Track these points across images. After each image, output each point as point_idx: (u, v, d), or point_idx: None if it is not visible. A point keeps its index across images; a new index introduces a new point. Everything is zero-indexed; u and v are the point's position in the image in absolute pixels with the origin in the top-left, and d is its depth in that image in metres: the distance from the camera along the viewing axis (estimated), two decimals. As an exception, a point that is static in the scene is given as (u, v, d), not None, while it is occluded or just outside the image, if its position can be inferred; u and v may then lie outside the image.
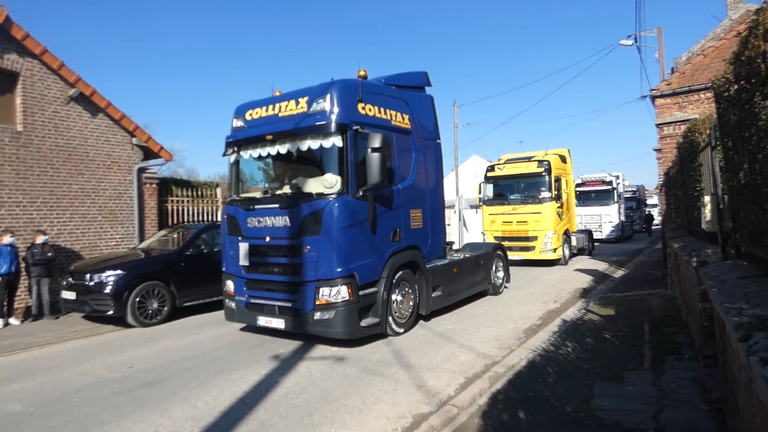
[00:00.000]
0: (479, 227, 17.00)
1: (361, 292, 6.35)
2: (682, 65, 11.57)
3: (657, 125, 11.17)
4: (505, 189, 16.07)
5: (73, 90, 10.60)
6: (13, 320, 8.95)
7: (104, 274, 8.40)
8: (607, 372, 5.03)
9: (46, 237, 9.37)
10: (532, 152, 17.11)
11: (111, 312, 8.31)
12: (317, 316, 6.24)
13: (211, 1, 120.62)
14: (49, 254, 9.19)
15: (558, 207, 15.04)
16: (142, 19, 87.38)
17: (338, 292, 6.17)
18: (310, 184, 6.78)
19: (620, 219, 24.82)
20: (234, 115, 7.51)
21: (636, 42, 17.65)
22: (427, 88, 8.57)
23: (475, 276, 9.35)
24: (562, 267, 14.79)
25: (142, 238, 11.72)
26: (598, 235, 22.68)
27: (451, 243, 9.64)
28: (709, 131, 5.21)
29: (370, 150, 6.21)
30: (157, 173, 12.77)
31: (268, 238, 6.66)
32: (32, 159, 10.02)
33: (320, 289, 6.22)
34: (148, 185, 12.29)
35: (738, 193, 3.70)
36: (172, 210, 13.02)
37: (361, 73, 7.06)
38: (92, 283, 8.37)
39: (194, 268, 9.30)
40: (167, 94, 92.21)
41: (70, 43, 67.24)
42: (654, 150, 13.74)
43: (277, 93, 7.31)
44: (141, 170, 12.05)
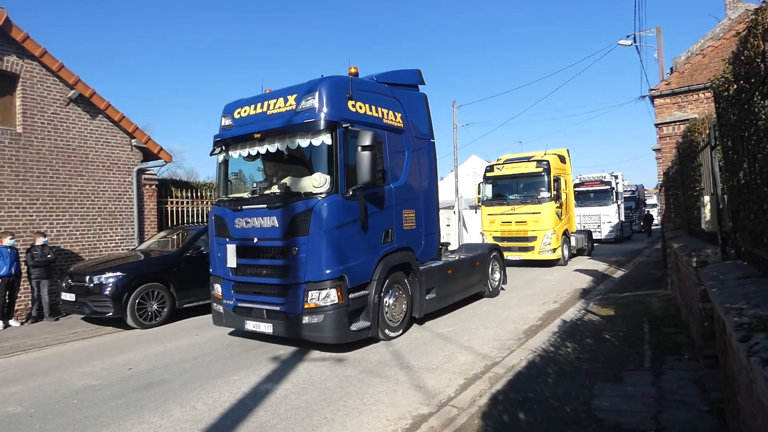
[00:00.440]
0: (479, 227, 17.00)
1: (351, 295, 6.19)
2: (681, 65, 11.57)
3: (656, 125, 11.17)
4: (504, 189, 16.06)
5: (73, 91, 10.60)
6: (13, 322, 8.94)
7: (104, 276, 8.39)
8: (606, 372, 5.02)
9: (46, 239, 9.36)
10: (531, 152, 17.11)
11: (111, 313, 8.31)
12: (306, 320, 6.07)
13: (212, 1, 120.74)
14: (49, 256, 9.18)
15: (557, 207, 15.04)
16: (142, 19, 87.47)
17: (327, 295, 6.00)
18: (299, 184, 6.60)
19: (619, 219, 24.72)
20: (222, 113, 7.36)
21: (635, 42, 17.65)
22: (420, 86, 8.40)
23: (471, 278, 9.20)
24: (561, 267, 14.79)
25: (142, 240, 11.71)
26: (597, 236, 22.53)
27: (447, 244, 9.49)
28: (708, 131, 5.21)
29: (360, 148, 6.05)
30: (156, 174, 12.76)
31: (256, 240, 6.49)
32: (32, 161, 10.01)
33: (309, 292, 6.05)
34: (148, 186, 12.28)
35: (738, 193, 3.70)
36: (172, 211, 13.02)
37: (352, 70, 6.91)
38: (92, 285, 8.37)
39: (194, 269, 9.28)
40: (167, 95, 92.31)
41: (70, 45, 67.30)
42: (653, 150, 13.74)
43: (267, 91, 7.16)
44: (140, 171, 12.05)
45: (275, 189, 6.82)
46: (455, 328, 7.53)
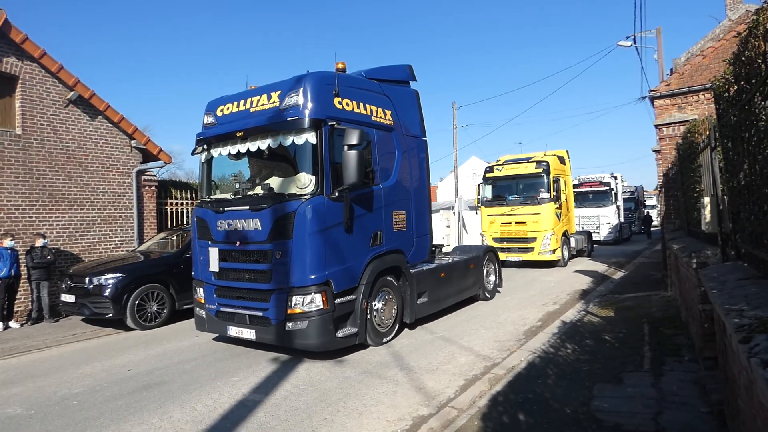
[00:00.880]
0: (478, 228, 17.00)
1: (337, 300, 5.96)
2: (681, 66, 11.59)
3: (656, 126, 11.17)
4: (504, 190, 16.06)
5: (72, 93, 10.60)
6: (13, 323, 8.93)
7: (103, 277, 8.39)
8: (606, 373, 5.02)
9: (46, 240, 9.36)
10: (531, 153, 17.13)
11: (110, 315, 8.30)
12: (289, 326, 5.82)
13: (212, 2, 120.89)
14: (49, 257, 9.18)
15: (557, 208, 15.03)
16: (141, 20, 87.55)
17: (312, 301, 5.77)
18: (283, 185, 6.39)
19: (618, 220, 24.59)
20: (205, 110, 7.13)
21: (635, 43, 17.69)
22: (412, 82, 8.10)
23: (465, 281, 8.96)
24: (561, 268, 14.79)
25: (141, 241, 11.71)
26: (596, 237, 22.24)
27: (440, 246, 9.30)
28: (708, 132, 5.21)
29: (347, 147, 5.81)
30: (156, 175, 12.76)
31: (239, 242, 6.23)
32: (31, 162, 10.01)
33: (292, 298, 5.81)
34: (147, 188, 12.28)
35: (738, 194, 3.70)
36: (171, 212, 13.01)
37: (339, 66, 6.71)
38: (91, 286, 8.36)
39: (193, 270, 9.27)
40: (166, 97, 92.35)
41: (69, 46, 67.34)
42: (653, 151, 13.76)
43: (253, 87, 6.90)
44: (140, 173, 12.05)
45: (258, 190, 6.58)
46: (455, 330, 7.52)
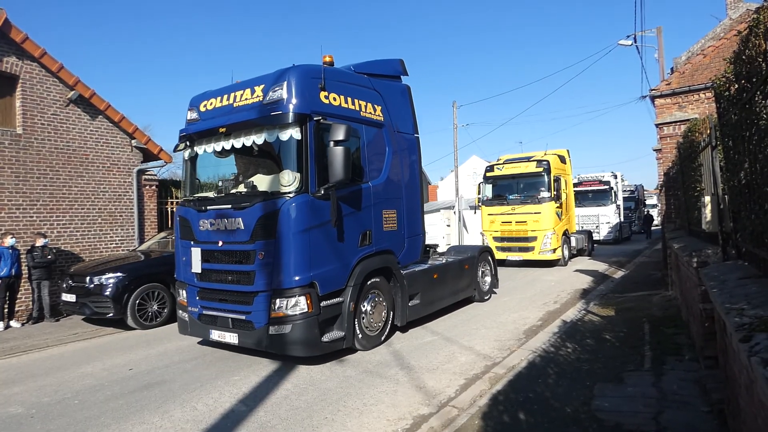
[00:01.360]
0: (479, 228, 16.99)
1: (323, 303, 5.74)
2: (682, 65, 11.58)
3: (657, 125, 11.18)
4: (504, 189, 16.05)
5: (73, 92, 10.61)
6: (14, 323, 8.94)
7: (104, 277, 8.40)
8: (607, 373, 5.02)
9: (46, 240, 9.36)
10: (532, 152, 17.10)
11: (111, 314, 8.31)
12: (272, 330, 5.59)
13: (213, 2, 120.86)
14: (49, 257, 9.19)
15: (557, 207, 15.03)
16: (141, 20, 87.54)
17: (296, 304, 5.54)
18: (268, 182, 6.14)
19: (618, 220, 24.49)
20: (188, 106, 6.89)
21: (635, 42, 17.64)
22: (403, 77, 7.88)
23: (459, 282, 8.73)
24: (561, 268, 14.78)
25: (142, 240, 11.72)
26: (595, 237, 22.10)
27: (435, 246, 9.06)
28: (709, 131, 5.20)
29: (333, 143, 5.57)
30: (156, 175, 12.77)
31: (221, 243, 6.01)
32: (32, 162, 10.02)
33: (276, 300, 5.58)
34: (148, 187, 12.29)
35: (738, 193, 3.70)
36: (172, 212, 13.00)
37: (327, 59, 6.50)
38: (92, 286, 8.37)
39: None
40: (167, 96, 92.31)
41: (70, 46, 67.35)
42: (654, 150, 13.75)
43: (239, 82, 6.69)
44: (140, 172, 12.05)
45: (242, 188, 6.34)
46: (455, 329, 7.53)
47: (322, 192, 5.71)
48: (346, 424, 4.22)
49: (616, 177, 25.41)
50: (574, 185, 20.63)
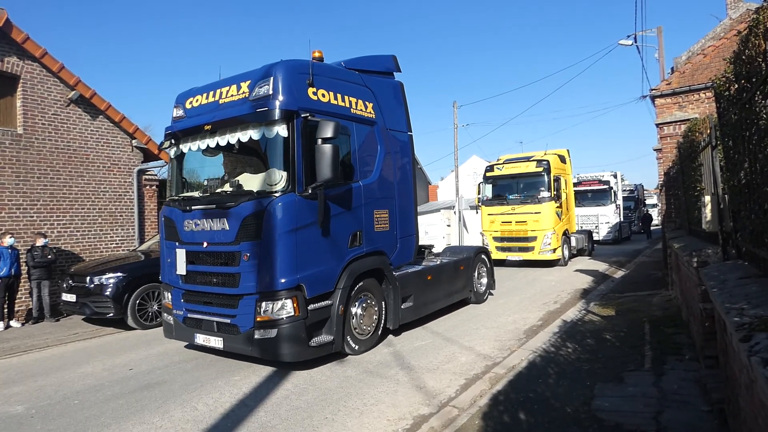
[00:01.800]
0: (479, 228, 17.00)
1: (310, 307, 5.56)
2: (682, 65, 11.58)
3: (657, 125, 11.17)
4: (504, 189, 16.05)
5: (73, 92, 10.62)
6: (14, 323, 8.95)
7: (104, 277, 8.40)
8: (607, 373, 5.02)
9: (47, 239, 9.37)
10: (532, 152, 17.10)
11: (111, 314, 8.32)
12: (258, 334, 5.41)
13: (212, 2, 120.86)
14: (50, 257, 9.19)
15: (557, 207, 15.03)
16: (141, 20, 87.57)
17: (282, 307, 5.36)
18: (254, 181, 5.95)
19: (618, 220, 24.41)
20: (174, 103, 6.76)
21: (636, 42, 17.66)
22: (396, 74, 7.68)
23: (454, 283, 8.53)
24: (561, 268, 14.78)
25: (142, 240, 11.72)
26: (594, 237, 22.10)
27: (430, 246, 8.99)
28: (709, 131, 5.21)
29: (321, 141, 5.41)
30: (157, 175, 12.78)
31: (206, 244, 5.84)
32: (32, 161, 10.02)
33: (261, 304, 5.40)
34: (148, 187, 12.30)
35: (738, 193, 3.70)
36: (172, 212, 13.00)
37: (316, 55, 6.38)
38: (92, 286, 8.38)
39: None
40: (167, 96, 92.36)
41: (70, 46, 67.37)
42: (654, 150, 13.76)
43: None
44: (141, 172, 12.07)
45: (227, 187, 6.18)
46: (456, 329, 7.53)
47: (310, 191, 5.55)
48: (347, 424, 4.22)
49: (615, 177, 25.28)
50: (574, 185, 20.62)
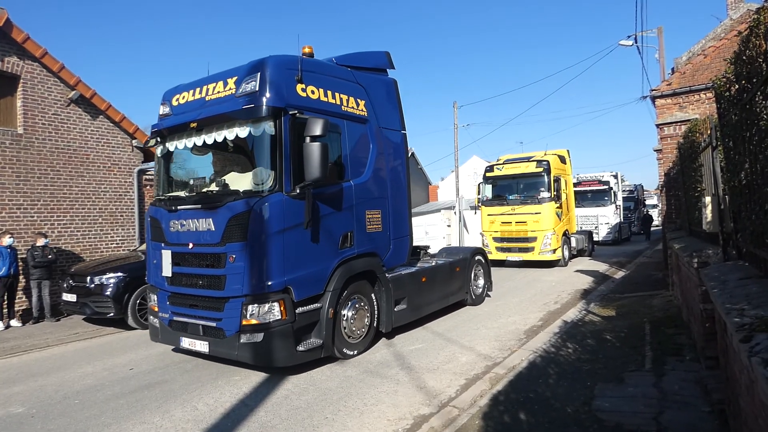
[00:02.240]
0: (480, 228, 16.99)
1: (299, 310, 5.41)
2: (683, 65, 11.58)
3: (657, 126, 11.17)
4: (504, 189, 16.03)
5: (74, 92, 10.62)
6: (14, 322, 8.94)
7: (105, 277, 8.41)
8: (608, 373, 5.02)
9: (47, 239, 9.37)
10: (532, 153, 17.10)
11: (112, 314, 8.32)
12: (244, 339, 5.25)
13: (212, 2, 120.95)
14: (50, 257, 9.19)
15: (557, 207, 15.02)
16: (142, 20, 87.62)
17: (269, 311, 5.21)
18: (240, 181, 5.83)
19: (618, 220, 24.35)
20: (161, 100, 6.65)
21: (636, 42, 17.64)
22: (390, 71, 7.55)
23: (450, 285, 8.36)
24: (561, 268, 14.78)
25: (143, 240, 11.71)
26: (594, 237, 22.01)
27: (426, 247, 8.92)
28: (709, 131, 5.21)
29: (309, 139, 5.28)
30: (157, 175, 12.77)
31: (192, 245, 5.69)
32: (33, 161, 10.02)
33: (248, 307, 5.24)
34: (149, 187, 12.29)
35: (739, 194, 3.70)
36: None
37: (306, 50, 6.24)
38: (93, 286, 8.38)
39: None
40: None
41: (71, 46, 67.43)
42: (654, 150, 13.76)
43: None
44: (141, 172, 12.06)
45: (213, 187, 6.06)
46: (456, 329, 7.53)
47: (298, 191, 5.40)
48: (347, 424, 4.22)
49: (615, 177, 25.21)
50: (573, 185, 20.61)
